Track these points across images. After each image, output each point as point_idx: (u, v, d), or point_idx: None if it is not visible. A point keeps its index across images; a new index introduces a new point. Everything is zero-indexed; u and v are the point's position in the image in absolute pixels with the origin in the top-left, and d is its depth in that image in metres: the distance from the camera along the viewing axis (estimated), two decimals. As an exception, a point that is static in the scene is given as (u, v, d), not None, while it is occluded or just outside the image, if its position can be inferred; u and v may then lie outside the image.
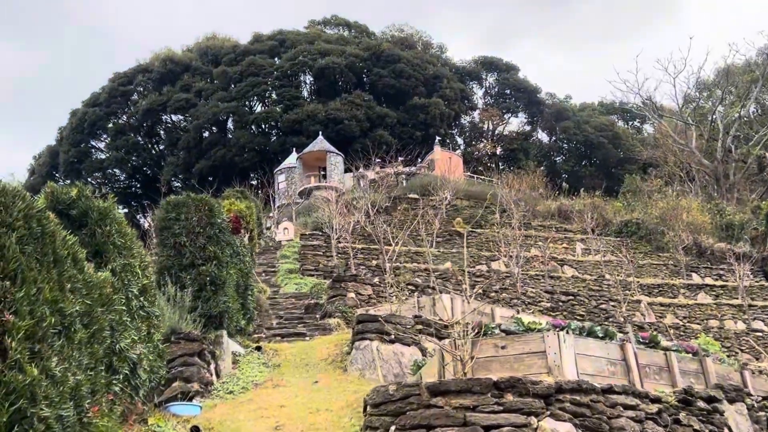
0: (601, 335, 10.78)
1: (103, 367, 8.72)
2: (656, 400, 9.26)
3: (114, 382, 9.57)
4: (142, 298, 11.32)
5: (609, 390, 8.65)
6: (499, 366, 9.82)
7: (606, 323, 27.93)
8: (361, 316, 16.85)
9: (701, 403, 10.18)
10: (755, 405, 11.34)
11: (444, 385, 8.09)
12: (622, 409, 8.61)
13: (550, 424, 7.90)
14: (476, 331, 10.40)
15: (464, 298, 15.74)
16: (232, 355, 16.39)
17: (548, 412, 7.98)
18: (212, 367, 15.08)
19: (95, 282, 8.86)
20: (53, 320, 7.24)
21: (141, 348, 10.65)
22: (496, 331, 10.22)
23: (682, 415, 9.43)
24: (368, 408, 8.80)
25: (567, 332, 10.24)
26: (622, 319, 29.33)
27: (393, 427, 8.17)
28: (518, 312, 20.49)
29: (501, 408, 7.84)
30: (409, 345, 16.48)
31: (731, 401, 10.94)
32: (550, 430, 7.86)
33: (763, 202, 45.87)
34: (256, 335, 19.82)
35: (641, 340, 11.49)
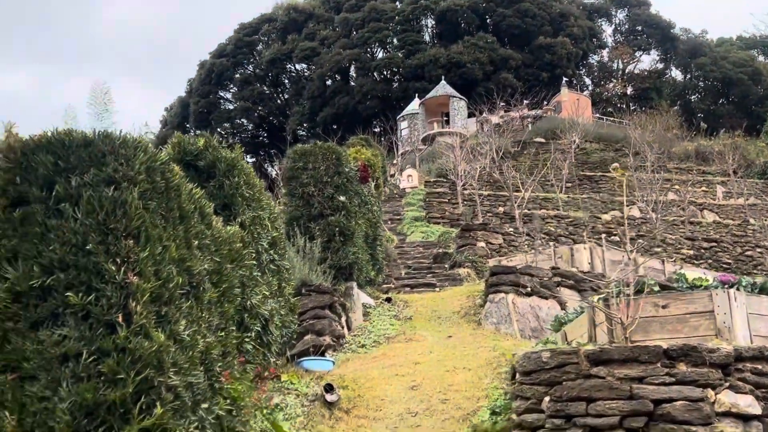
0: (775, 291, 9.63)
1: (234, 327, 8.27)
2: None
3: (246, 340, 9.14)
4: (272, 252, 10.88)
5: (794, 357, 7.61)
6: (659, 327, 8.87)
7: (755, 272, 26.28)
8: (495, 268, 16.07)
9: None
10: None
11: (606, 353, 7.21)
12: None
13: (729, 398, 6.96)
14: (632, 288, 9.46)
15: (609, 247, 14.76)
16: (362, 307, 15.95)
17: (727, 384, 7.02)
18: (343, 319, 14.66)
19: (224, 237, 8.37)
20: (180, 280, 6.74)
21: (272, 303, 10.22)
22: (656, 288, 9.23)
23: None
24: (517, 375, 7.99)
25: (738, 289, 9.16)
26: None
27: (547, 398, 7.39)
28: (662, 262, 19.26)
29: (673, 379, 6.93)
30: (546, 298, 15.63)
31: None
32: (729, 404, 6.92)
33: None
34: (385, 286, 19.34)
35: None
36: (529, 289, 15.49)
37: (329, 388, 10.61)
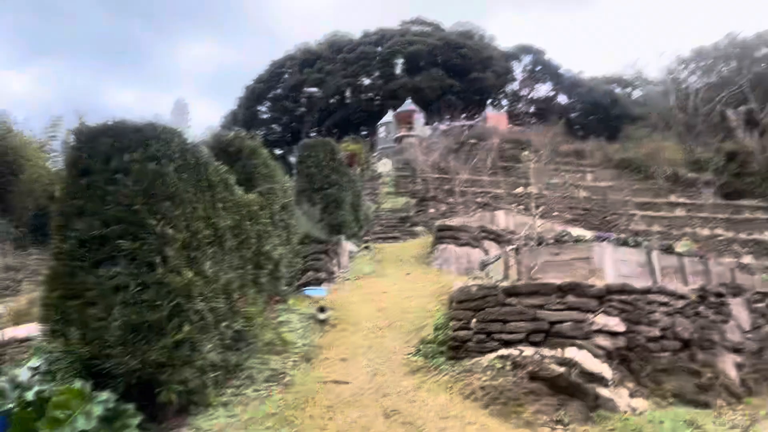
0: (632, 244, 9.06)
1: (251, 266, 7.58)
2: (682, 296, 7.60)
3: (261, 275, 8.49)
4: (282, 213, 10.17)
5: (647, 290, 7.04)
6: (554, 270, 8.31)
7: (613, 230, 25.81)
8: (440, 226, 15.42)
9: (712, 298, 8.45)
10: (751, 299, 9.49)
11: (516, 288, 6.62)
12: (657, 305, 7.00)
13: (602, 319, 6.39)
14: (535, 241, 8.86)
15: (518, 213, 14.08)
16: (348, 253, 15.25)
17: (601, 310, 6.45)
18: (335, 261, 13.98)
19: (244, 201, 7.67)
20: (207, 232, 6.06)
21: (281, 249, 9.54)
22: (551, 241, 8.62)
23: (701, 309, 7.75)
24: (453, 303, 7.36)
25: (607, 242, 8.57)
26: (623, 228, 27.13)
27: (474, 320, 6.78)
28: (553, 223, 18.68)
29: (564, 306, 6.36)
30: (475, 247, 15.01)
31: (734, 296, 9.13)
32: (603, 324, 6.36)
33: (722, 144, 42.13)
34: (365, 238, 18.65)
35: (661, 247, 9.70)
36: (463, 241, 14.88)
37: (322, 309, 9.98)
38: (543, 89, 78.02)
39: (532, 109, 73.63)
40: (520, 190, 35.26)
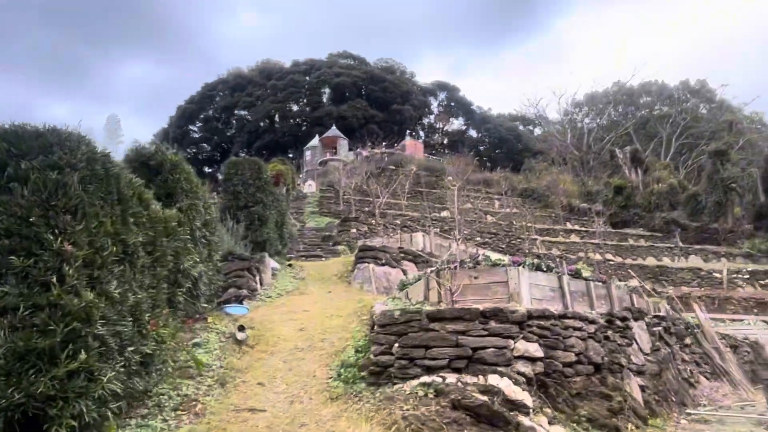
0: (545, 269, 8.80)
1: (166, 285, 6.69)
2: (593, 321, 7.37)
3: (179, 294, 7.58)
4: (204, 230, 9.27)
5: (563, 315, 6.74)
6: (473, 292, 7.89)
7: (518, 253, 26.16)
8: (362, 246, 14.84)
9: (618, 322, 8.32)
10: (650, 322, 9.49)
11: (440, 313, 6.10)
12: (572, 330, 6.71)
13: (522, 345, 5.98)
14: (457, 264, 8.45)
15: (435, 235, 13.77)
16: (271, 270, 14.37)
17: (521, 336, 6.04)
18: (257, 278, 13.08)
19: (160, 217, 6.77)
20: (115, 249, 5.16)
21: (201, 267, 8.63)
22: (470, 264, 8.23)
23: (609, 333, 7.56)
24: (376, 327, 6.71)
25: (523, 267, 8.27)
26: (527, 251, 27.57)
27: (396, 345, 6.18)
28: (466, 246, 18.55)
29: (486, 332, 5.89)
30: (394, 267, 14.54)
31: (635, 319, 9.09)
32: (523, 350, 5.95)
33: (611, 179, 44.30)
34: (288, 255, 17.80)
35: (569, 272, 9.54)
36: (383, 261, 14.37)
37: (241, 328, 9.12)
38: (456, 123, 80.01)
39: (446, 141, 75.17)
40: (435, 214, 35.39)
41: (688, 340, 10.65)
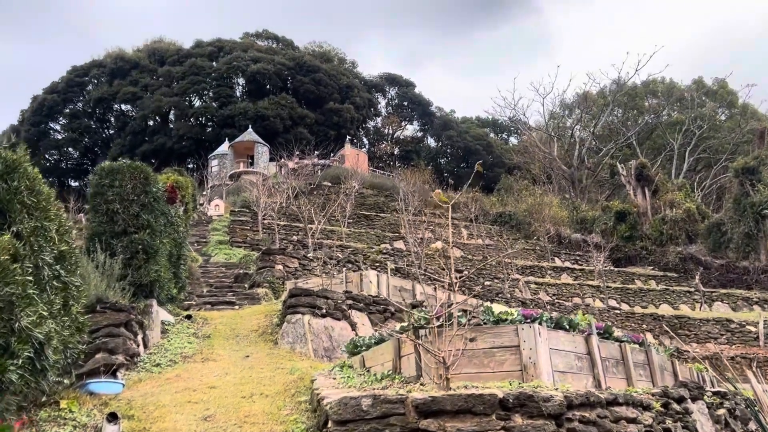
0: (567, 327, 7.91)
1: (-18, 359, 5.29)
2: (647, 407, 6.44)
3: (10, 368, 6.17)
4: (57, 267, 7.83)
5: (613, 401, 5.76)
6: (467, 362, 6.87)
7: (497, 299, 25.48)
8: (294, 290, 13.58)
9: (675, 405, 7.45)
10: (711, 402, 8.68)
11: (437, 403, 4.94)
12: (625, 423, 5.74)
13: (566, 454, 4.93)
14: (438, 317, 7.41)
15: (400, 276, 12.76)
16: (161, 325, 12.91)
17: (562, 437, 4.99)
18: (140, 337, 11.61)
19: (-22, 247, 5.41)
20: None
21: (51, 324, 7.18)
22: (462, 320, 7.19)
23: (668, 422, 6.66)
24: (331, 424, 5.34)
25: (540, 324, 7.33)
26: (509, 296, 26.94)
27: (370, 457, 4.98)
28: (435, 289, 17.61)
29: (510, 434, 4.82)
30: (339, 320, 13.35)
31: (693, 399, 8.26)
32: (567, 462, 4.89)
33: (611, 202, 44.83)
34: (186, 303, 16.32)
35: (597, 330, 8.66)
36: (324, 310, 13.16)
37: (112, 417, 7.68)
38: (410, 129, 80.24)
39: (396, 151, 75.03)
40: (386, 245, 34.51)
41: (752, 426, 9.96)
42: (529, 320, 7.35)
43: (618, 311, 29.04)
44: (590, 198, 50.93)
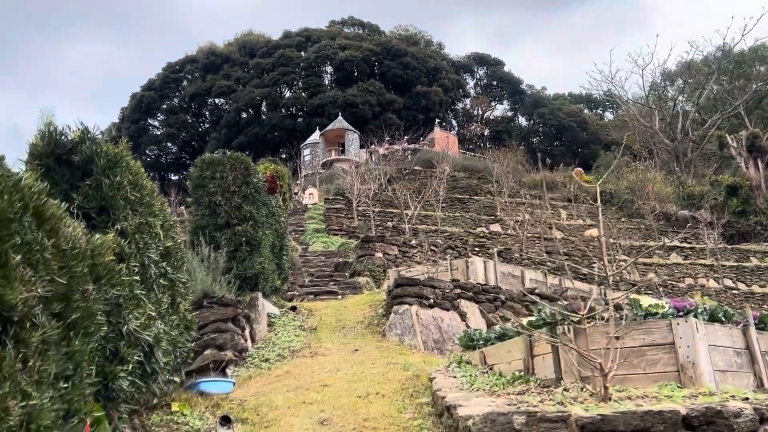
0: (722, 318, 6.91)
1: (88, 371, 4.85)
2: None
3: (120, 374, 5.76)
4: (164, 264, 7.47)
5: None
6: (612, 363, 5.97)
7: (605, 282, 24.07)
8: (400, 279, 12.97)
9: None
10: None
11: (608, 423, 4.16)
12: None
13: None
14: (572, 306, 6.59)
15: (507, 262, 11.92)
16: (267, 318, 12.59)
17: (760, 462, 4.12)
18: (247, 332, 11.29)
19: (82, 249, 4.96)
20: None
21: (160, 325, 6.80)
22: (605, 314, 6.33)
23: None
24: None
25: (695, 316, 6.37)
26: (618, 278, 25.50)
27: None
28: (544, 274, 16.61)
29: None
30: (447, 310, 12.64)
31: None
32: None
33: (720, 176, 42.05)
34: (289, 293, 16.01)
35: (753, 320, 7.58)
36: (431, 300, 12.48)
37: (225, 421, 7.28)
38: (500, 108, 78.35)
39: (486, 132, 73.41)
40: (482, 228, 33.55)
41: None
42: (682, 313, 6.42)
43: (735, 291, 27.09)
44: (696, 172, 48.02)
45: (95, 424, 4.92)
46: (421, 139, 56.75)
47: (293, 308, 13.89)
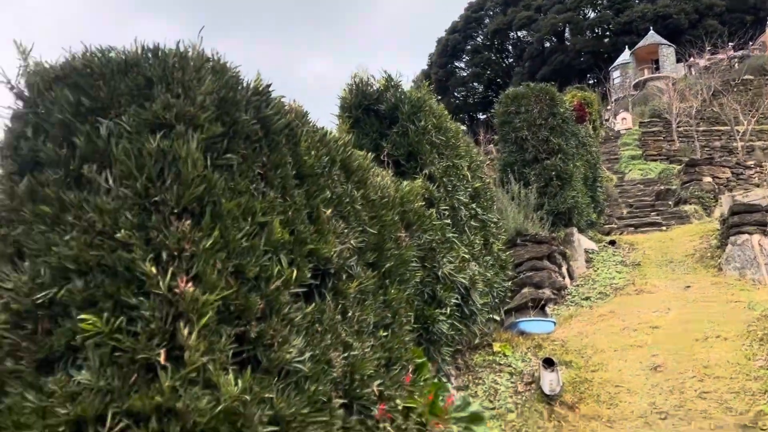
0: None
1: (406, 317, 4.85)
2: None
3: (439, 318, 5.77)
4: (473, 205, 7.37)
5: None
6: None
7: None
8: (736, 206, 11.38)
9: None
10: None
11: None
12: None
13: None
14: None
15: None
16: (584, 254, 11.99)
17: None
18: (564, 269, 10.87)
19: (390, 198, 4.94)
20: (294, 276, 3.37)
21: (474, 267, 6.72)
22: None
23: None
24: None
25: None
26: None
27: None
28: None
29: None
30: (796, 240, 10.79)
31: None
32: None
33: None
34: (606, 227, 15.14)
35: None
36: (776, 229, 10.75)
37: (548, 364, 6.98)
38: None
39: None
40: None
41: None
42: None
43: None
44: None
45: (417, 370, 4.95)
46: (750, 43, 49.87)
47: (612, 242, 13.08)
